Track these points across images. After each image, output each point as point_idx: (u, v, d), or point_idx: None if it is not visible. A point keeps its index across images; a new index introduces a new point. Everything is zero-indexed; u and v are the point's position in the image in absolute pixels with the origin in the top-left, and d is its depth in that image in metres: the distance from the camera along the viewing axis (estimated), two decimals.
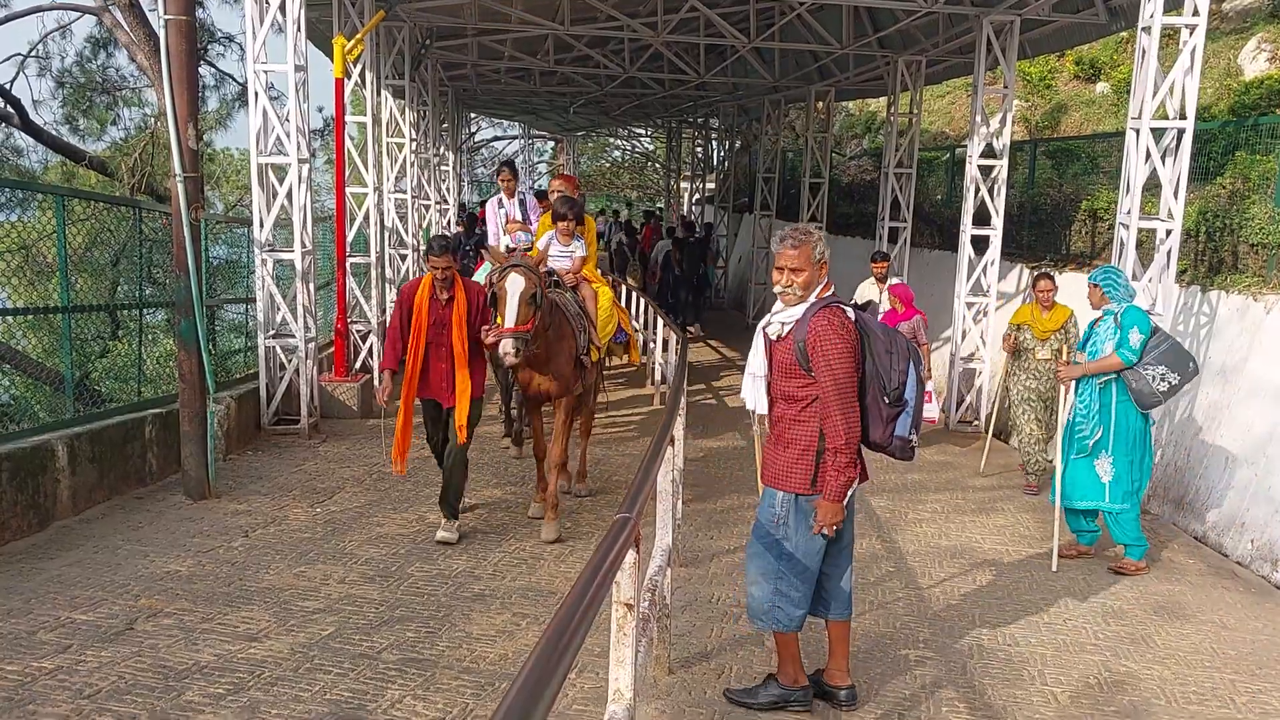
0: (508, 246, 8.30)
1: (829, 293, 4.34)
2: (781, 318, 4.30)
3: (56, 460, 6.72)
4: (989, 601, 6.21)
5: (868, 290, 10.80)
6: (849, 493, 4.32)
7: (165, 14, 7.08)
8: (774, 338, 4.35)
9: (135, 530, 6.72)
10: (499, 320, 6.35)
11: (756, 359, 4.44)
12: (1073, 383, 7.05)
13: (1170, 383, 6.68)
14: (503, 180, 9.32)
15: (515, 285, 6.31)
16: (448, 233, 16.56)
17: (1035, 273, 8.99)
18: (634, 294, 16.19)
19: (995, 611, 6.04)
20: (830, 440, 4.21)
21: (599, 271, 8.75)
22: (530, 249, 7.95)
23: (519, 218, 9.12)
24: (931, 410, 10.25)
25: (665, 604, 4.70)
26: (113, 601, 5.44)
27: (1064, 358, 7.45)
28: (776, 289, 4.31)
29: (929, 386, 10.22)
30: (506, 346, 6.21)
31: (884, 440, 4.36)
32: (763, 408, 4.45)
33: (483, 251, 8.88)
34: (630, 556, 2.83)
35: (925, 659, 5.28)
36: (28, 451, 6.47)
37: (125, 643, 4.91)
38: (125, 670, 4.61)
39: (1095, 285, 6.96)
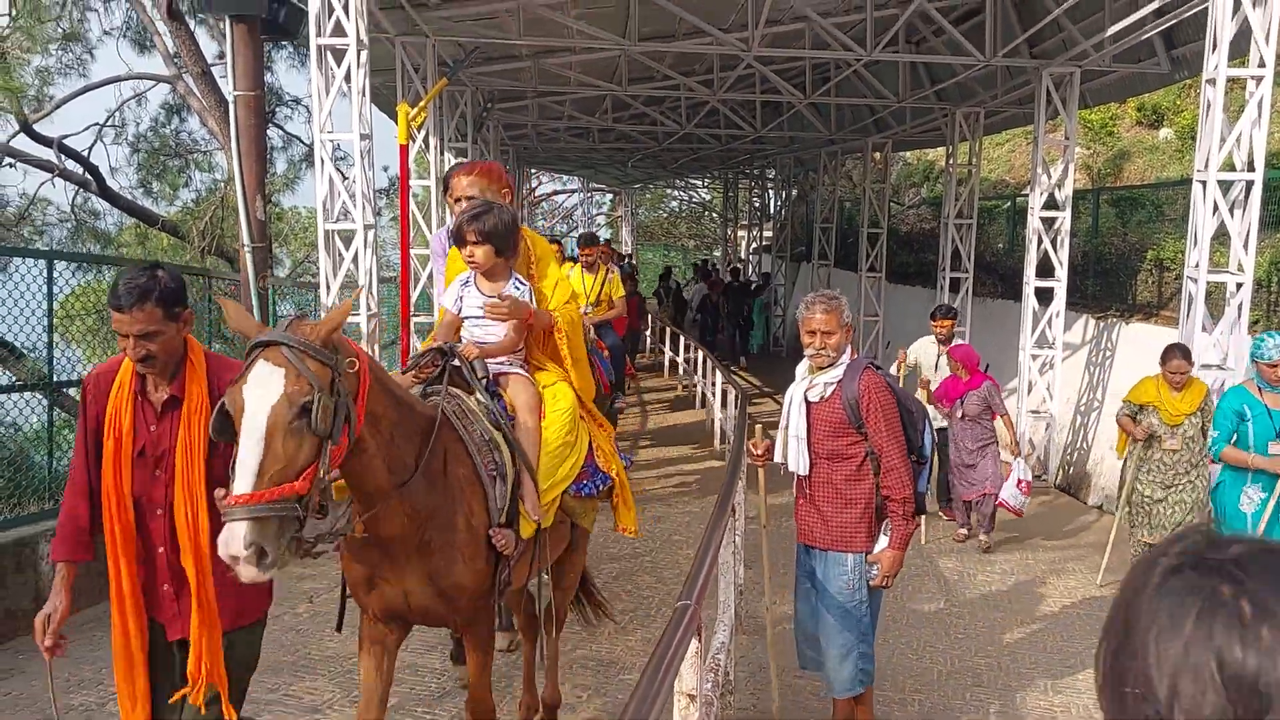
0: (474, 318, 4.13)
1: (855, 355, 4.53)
2: (825, 379, 4.40)
3: None
4: (1061, 669, 6.05)
5: (925, 350, 9.46)
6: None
7: (235, 90, 7.32)
8: (816, 400, 4.43)
9: None
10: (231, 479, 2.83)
11: (798, 421, 4.47)
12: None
13: None
14: (455, 196, 4.45)
15: (258, 394, 2.82)
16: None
17: (1165, 346, 7.26)
18: (677, 335, 16.71)
19: (1069, 679, 5.88)
20: (896, 491, 4.32)
21: (574, 346, 4.29)
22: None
23: None
24: (1019, 499, 8.48)
25: (728, 679, 4.64)
26: None
27: (1203, 443, 6.79)
28: (809, 352, 4.45)
29: (1011, 461, 8.64)
30: (232, 542, 2.74)
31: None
32: (804, 469, 4.48)
33: None
34: (693, 646, 2.80)
35: None
36: None
37: None
38: None
39: None
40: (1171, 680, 0.86)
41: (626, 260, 32.18)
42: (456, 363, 3.84)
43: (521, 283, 4.04)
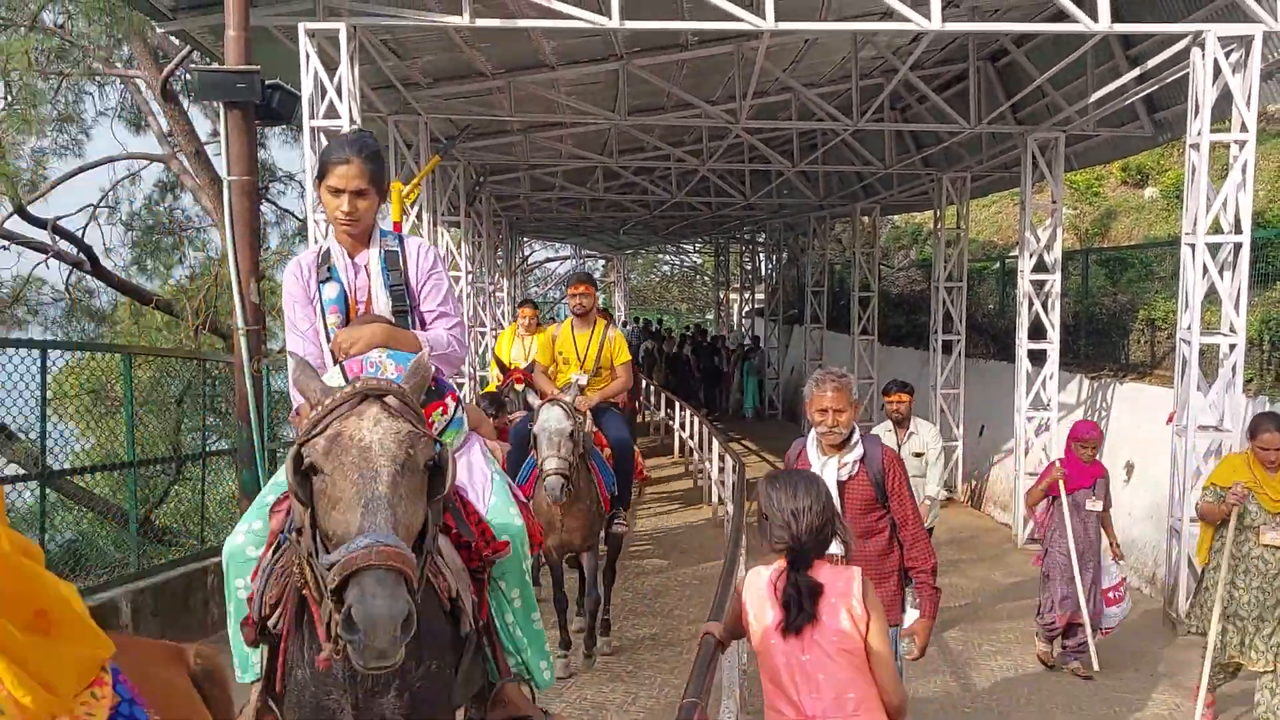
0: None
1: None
2: (852, 456, 4.41)
3: (120, 617, 6.77)
4: None
5: (882, 438, 6.61)
6: None
7: (229, 174, 7.37)
8: (845, 478, 4.41)
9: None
10: None
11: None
12: None
13: None
14: (335, 183, 3.32)
15: None
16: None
17: (1255, 416, 6.12)
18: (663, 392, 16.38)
19: None
20: (924, 561, 4.40)
21: None
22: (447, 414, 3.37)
23: (380, 303, 3.47)
24: (1123, 609, 7.18)
25: None
26: None
27: None
28: (820, 430, 4.42)
29: (1118, 575, 7.16)
30: None
31: None
32: (842, 549, 4.41)
33: None
34: None
35: None
36: (92, 610, 6.52)
37: None
38: None
39: None
40: (759, 503, 3.24)
41: (656, 324, 32.32)
42: None
43: None
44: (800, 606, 3.02)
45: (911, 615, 4.42)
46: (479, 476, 3.46)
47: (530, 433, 6.63)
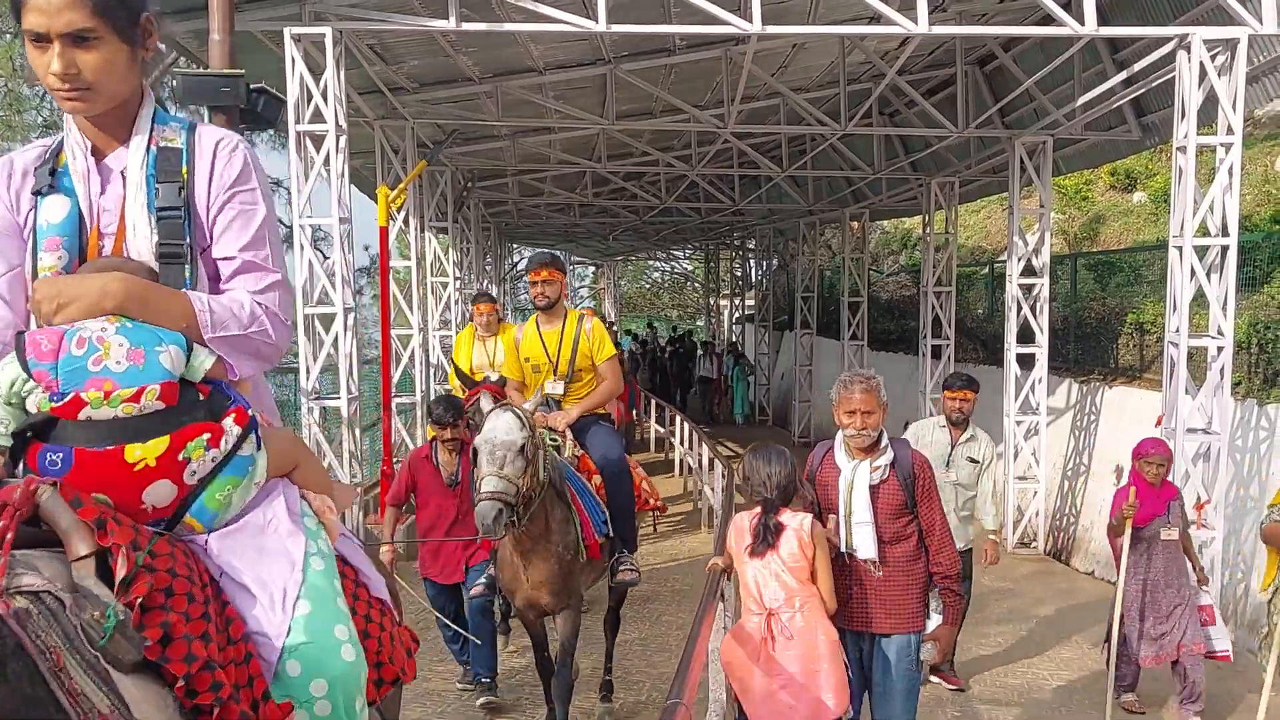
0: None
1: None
2: (883, 461, 4.35)
3: None
4: None
5: (929, 436, 6.69)
6: None
7: None
8: (876, 483, 4.35)
9: None
10: None
11: (865, 508, 4.35)
12: None
13: None
14: (35, 24, 1.92)
15: None
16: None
17: None
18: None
19: None
20: (948, 568, 4.37)
21: None
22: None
23: (139, 237, 2.07)
24: (1222, 638, 6.13)
25: None
26: None
27: None
28: (849, 433, 4.36)
29: (1207, 598, 6.18)
30: None
31: None
32: (875, 554, 4.36)
33: None
34: None
35: None
36: None
37: None
38: None
39: None
40: (743, 469, 4.42)
41: (672, 332, 32.61)
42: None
43: None
44: (764, 538, 4.20)
45: (935, 621, 4.37)
46: (279, 566, 1.94)
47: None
